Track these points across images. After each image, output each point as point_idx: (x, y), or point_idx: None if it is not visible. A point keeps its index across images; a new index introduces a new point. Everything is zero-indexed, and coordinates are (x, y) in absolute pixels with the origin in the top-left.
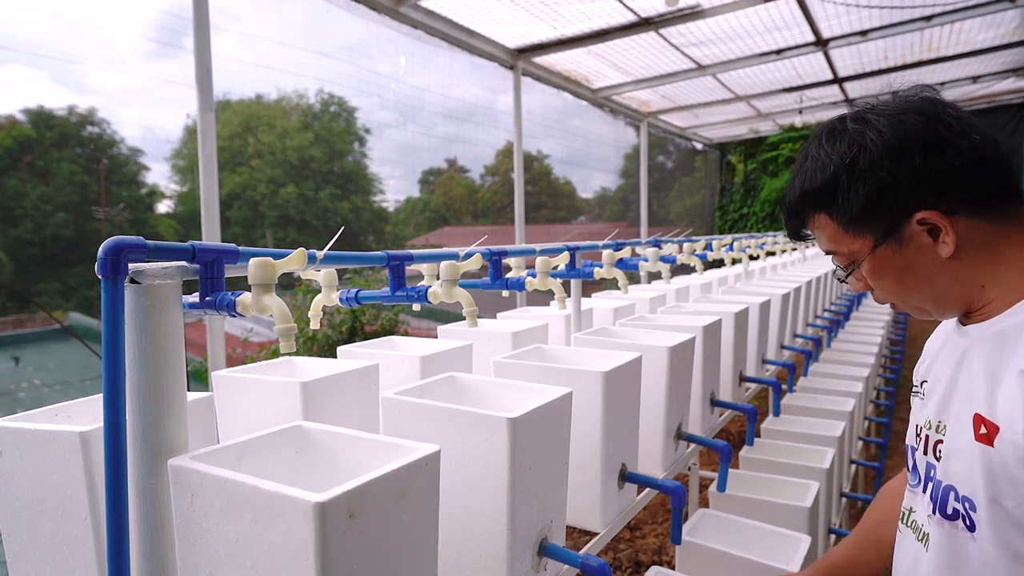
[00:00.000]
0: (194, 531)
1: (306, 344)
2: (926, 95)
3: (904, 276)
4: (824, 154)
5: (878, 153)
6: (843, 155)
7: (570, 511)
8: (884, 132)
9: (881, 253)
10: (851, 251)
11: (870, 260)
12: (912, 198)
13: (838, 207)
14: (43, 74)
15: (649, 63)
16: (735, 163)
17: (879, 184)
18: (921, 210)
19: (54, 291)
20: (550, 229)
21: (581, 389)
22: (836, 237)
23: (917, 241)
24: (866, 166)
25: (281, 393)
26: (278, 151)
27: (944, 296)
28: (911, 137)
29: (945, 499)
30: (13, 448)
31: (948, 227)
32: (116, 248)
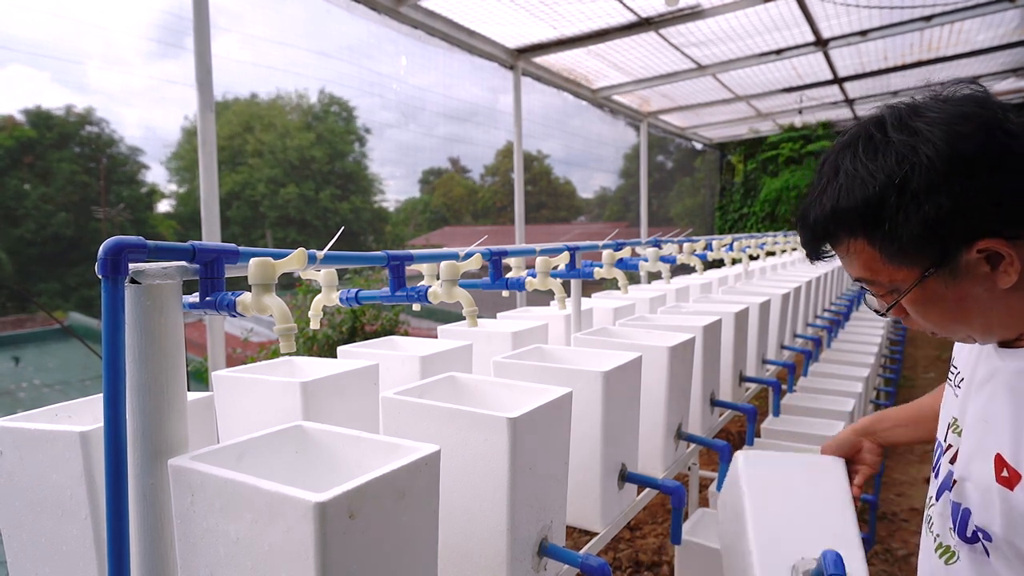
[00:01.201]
0: (194, 531)
1: (306, 344)
2: (974, 94)
3: (955, 308)
4: (864, 169)
5: (935, 173)
6: (891, 173)
7: (570, 511)
8: (939, 146)
9: (930, 284)
10: (892, 280)
11: (917, 292)
12: (973, 224)
13: (883, 234)
14: (44, 74)
15: (649, 63)
16: (735, 163)
17: (938, 211)
18: (984, 238)
19: (54, 291)
20: (550, 229)
21: (581, 389)
22: (874, 265)
23: (974, 271)
24: (920, 189)
25: (281, 393)
26: (278, 150)
27: (995, 327)
28: (972, 153)
29: (965, 521)
30: (13, 448)
31: (1014, 255)
32: (116, 248)
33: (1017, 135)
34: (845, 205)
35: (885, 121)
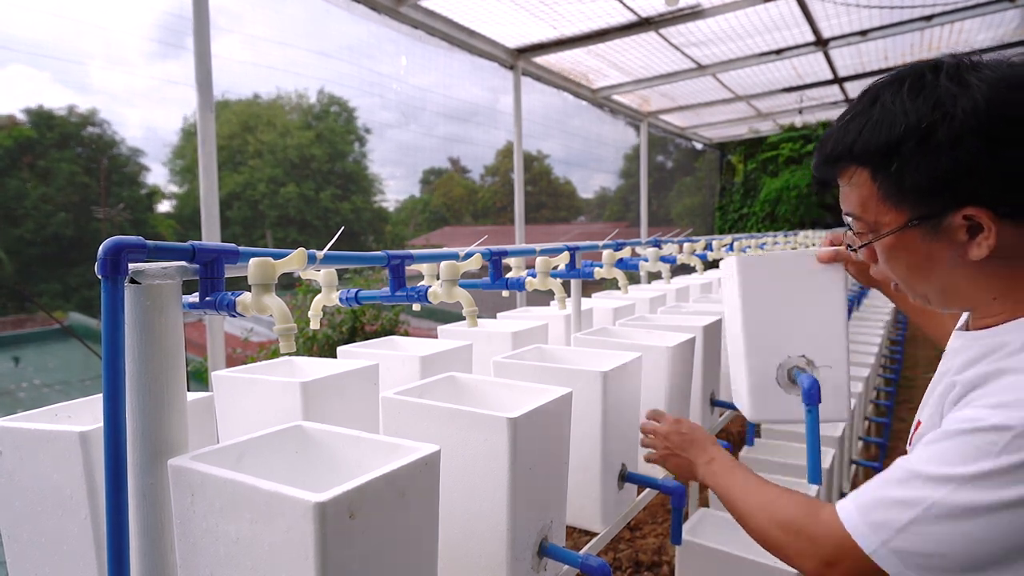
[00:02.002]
0: (194, 531)
1: (306, 344)
2: None
3: (922, 264)
4: (900, 106)
5: (966, 128)
6: (922, 116)
7: (570, 511)
8: (979, 104)
9: (909, 234)
10: (877, 221)
11: (895, 238)
12: (972, 190)
13: (889, 173)
14: (45, 74)
15: (649, 63)
16: (735, 163)
17: (952, 165)
18: (976, 205)
19: (54, 291)
20: (550, 229)
21: (581, 389)
22: (867, 202)
23: (953, 234)
24: (945, 139)
25: (281, 393)
26: (278, 149)
27: (953, 294)
28: (1010, 118)
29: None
30: (13, 448)
31: (993, 231)
32: (116, 248)
33: None
34: (868, 137)
35: (942, 67)
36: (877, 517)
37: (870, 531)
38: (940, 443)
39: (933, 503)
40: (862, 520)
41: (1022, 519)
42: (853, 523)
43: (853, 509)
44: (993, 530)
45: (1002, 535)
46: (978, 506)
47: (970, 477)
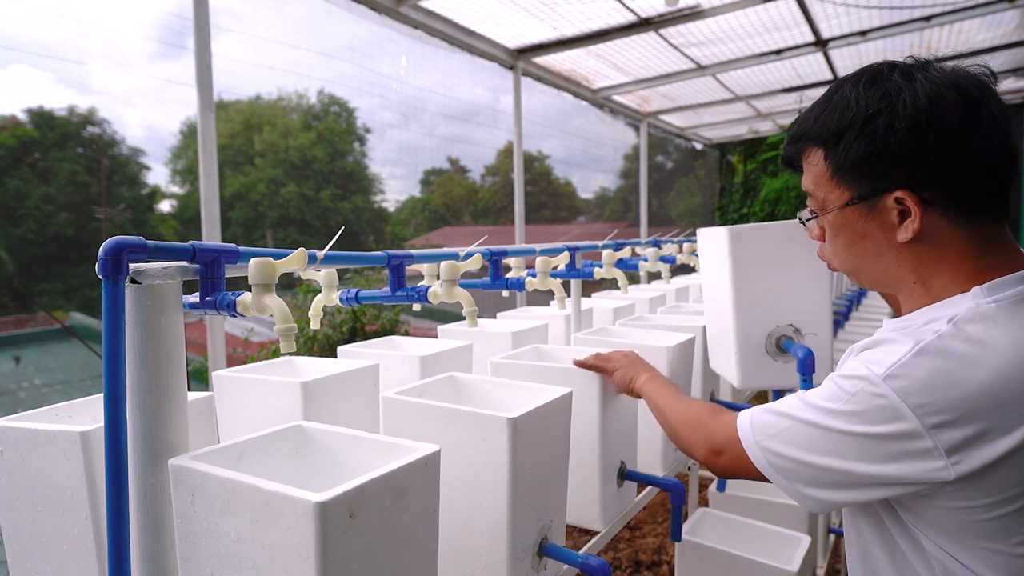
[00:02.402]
0: (194, 531)
1: (306, 344)
2: (982, 78)
3: (857, 242)
4: (855, 96)
5: (902, 118)
6: (870, 104)
7: (570, 510)
8: (920, 100)
9: (849, 212)
10: (825, 198)
11: (837, 214)
12: (904, 174)
13: (836, 152)
14: (47, 74)
15: (649, 63)
16: (735, 163)
17: (884, 148)
18: (905, 189)
19: (55, 291)
20: (550, 229)
21: (580, 388)
22: (819, 180)
23: (885, 216)
24: (883, 125)
25: (281, 393)
26: (281, 150)
27: (880, 274)
28: (941, 115)
29: None
30: (14, 448)
31: (919, 216)
32: (117, 248)
33: (984, 123)
34: (824, 119)
35: (898, 66)
36: (761, 422)
37: (751, 431)
38: (826, 382)
39: (801, 420)
40: (749, 423)
41: (856, 447)
42: (743, 424)
43: (747, 415)
44: (834, 452)
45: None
46: (829, 428)
47: (830, 411)
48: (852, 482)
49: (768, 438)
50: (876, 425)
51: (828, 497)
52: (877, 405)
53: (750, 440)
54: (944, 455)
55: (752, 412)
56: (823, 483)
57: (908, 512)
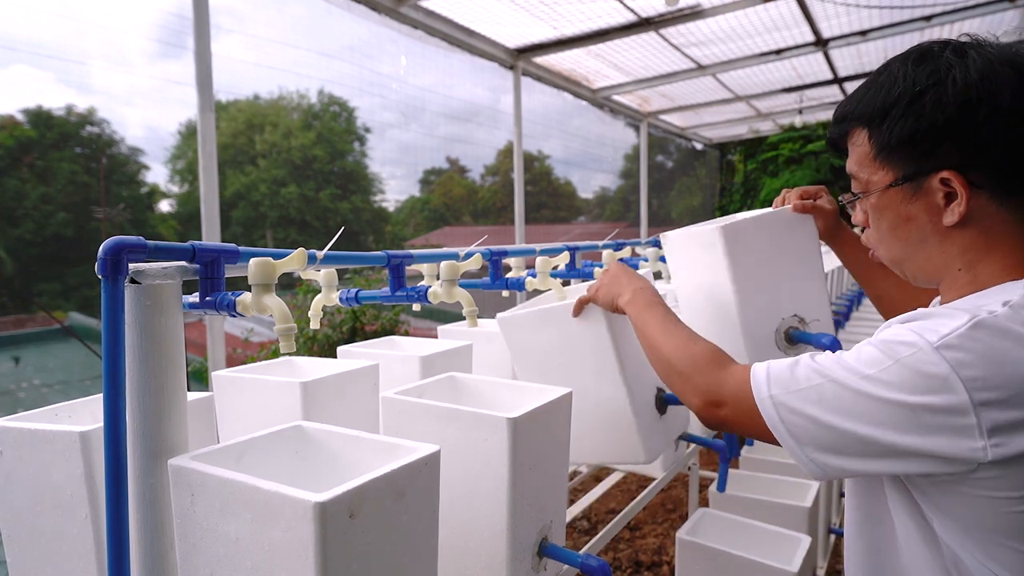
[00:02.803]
0: (194, 531)
1: (306, 344)
2: None
3: (900, 225)
4: (903, 74)
5: (951, 95)
6: (918, 81)
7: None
8: (971, 77)
9: (893, 193)
10: (869, 180)
11: (880, 196)
12: (951, 154)
13: (881, 131)
14: (48, 74)
15: (649, 63)
16: (735, 163)
17: (930, 126)
18: (951, 170)
19: (54, 291)
20: (550, 229)
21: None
22: (863, 160)
23: (930, 198)
24: (930, 103)
25: (281, 393)
26: (283, 151)
27: (924, 262)
28: (994, 92)
29: None
30: (13, 448)
31: (965, 198)
32: (116, 248)
33: None
34: (870, 99)
35: (950, 43)
36: (781, 376)
37: (767, 384)
38: (862, 347)
39: (831, 379)
40: (766, 376)
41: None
42: (758, 376)
43: (764, 367)
44: (862, 417)
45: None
46: (863, 392)
47: (867, 375)
48: (873, 451)
49: (787, 394)
50: (918, 395)
51: (839, 464)
52: (925, 373)
53: (764, 393)
54: (985, 435)
55: (769, 364)
56: (839, 449)
57: (924, 496)
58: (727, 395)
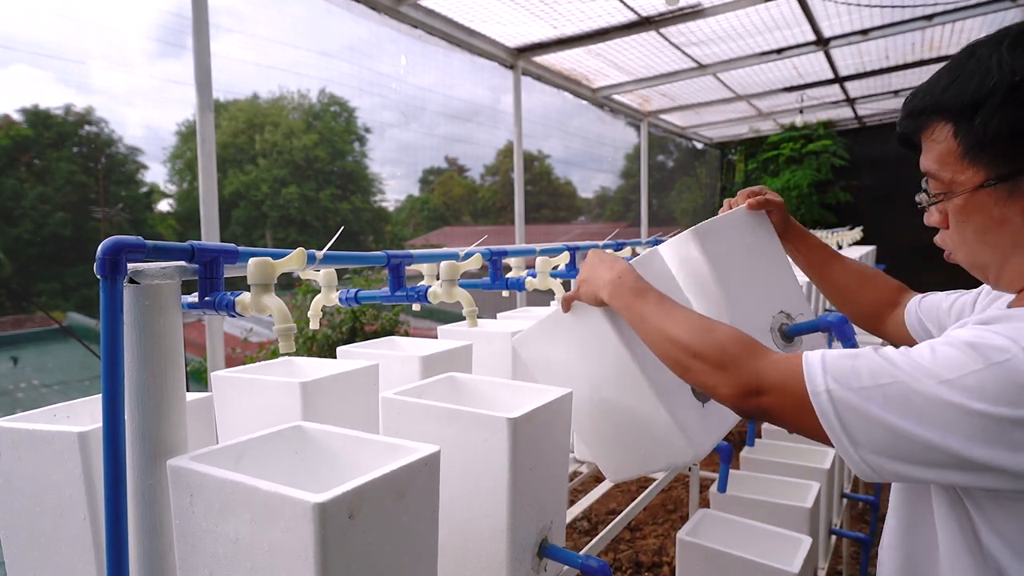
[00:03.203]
0: (193, 532)
1: (306, 344)
2: None
3: (991, 229)
4: (997, 60)
5: None
6: (1016, 69)
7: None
8: None
9: (984, 194)
10: (953, 180)
11: (969, 197)
12: None
13: (971, 127)
14: (48, 74)
15: (649, 62)
16: (736, 163)
17: None
18: None
19: (53, 291)
20: (550, 229)
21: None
22: (946, 158)
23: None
24: None
25: (281, 393)
26: (284, 151)
27: (1015, 268)
28: None
29: None
30: (12, 448)
31: None
32: (115, 248)
33: None
34: (957, 88)
35: None
36: (842, 368)
37: (823, 374)
38: (940, 347)
39: (902, 380)
40: (822, 366)
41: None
42: (812, 365)
43: (819, 356)
44: (935, 424)
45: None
46: (939, 398)
47: (946, 380)
48: (942, 461)
49: (847, 389)
50: (1009, 407)
51: (897, 469)
52: (1021, 384)
53: (819, 386)
54: None
55: (825, 353)
56: (901, 454)
57: (978, 509)
58: (770, 383)
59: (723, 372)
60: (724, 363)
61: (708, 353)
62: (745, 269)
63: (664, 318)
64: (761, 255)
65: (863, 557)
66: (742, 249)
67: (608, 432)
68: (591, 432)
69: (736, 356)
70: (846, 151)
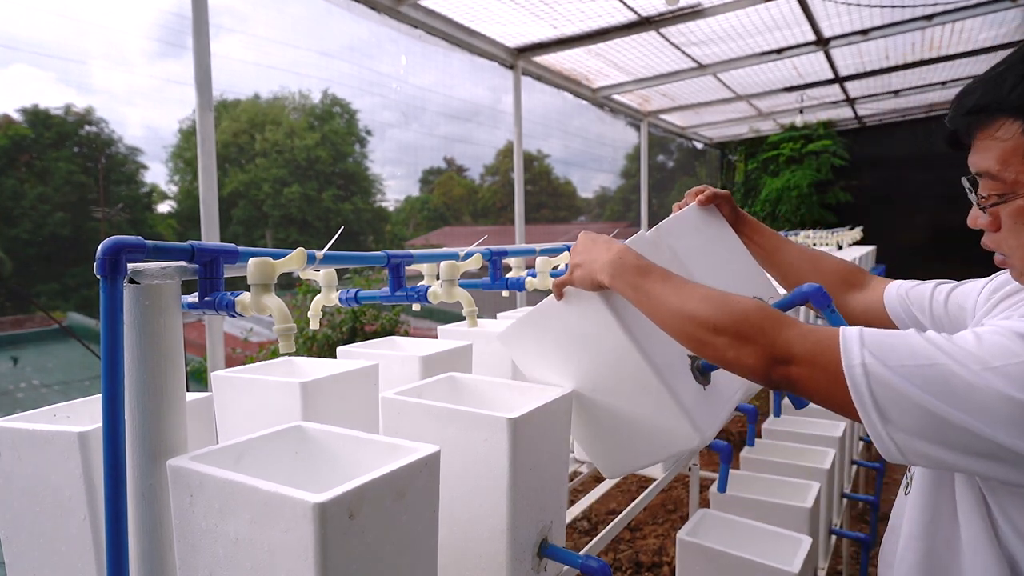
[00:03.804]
0: (193, 532)
1: (306, 344)
2: None
3: None
4: None
5: None
6: None
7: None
8: None
9: None
10: (1017, 180)
11: None
12: None
13: None
14: (49, 74)
15: (649, 62)
16: (736, 162)
17: None
18: None
19: (53, 291)
20: (550, 229)
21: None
22: (1009, 158)
23: None
24: None
25: (281, 393)
26: (286, 150)
27: None
28: None
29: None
30: (11, 449)
31: None
32: (115, 248)
33: None
34: None
35: None
36: (881, 343)
37: (860, 348)
38: (987, 335)
39: (944, 363)
40: (859, 340)
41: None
42: (850, 338)
43: (857, 331)
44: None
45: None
46: (981, 385)
47: (992, 367)
48: (976, 448)
49: (885, 366)
50: None
51: (926, 451)
52: None
53: (855, 359)
54: None
55: (863, 329)
56: (933, 436)
57: (995, 499)
58: (801, 353)
59: (749, 344)
60: (749, 334)
61: (731, 326)
62: (709, 263)
63: (675, 294)
64: (720, 247)
65: (863, 557)
66: (701, 243)
67: (606, 425)
68: (585, 427)
69: (761, 326)
70: (846, 151)
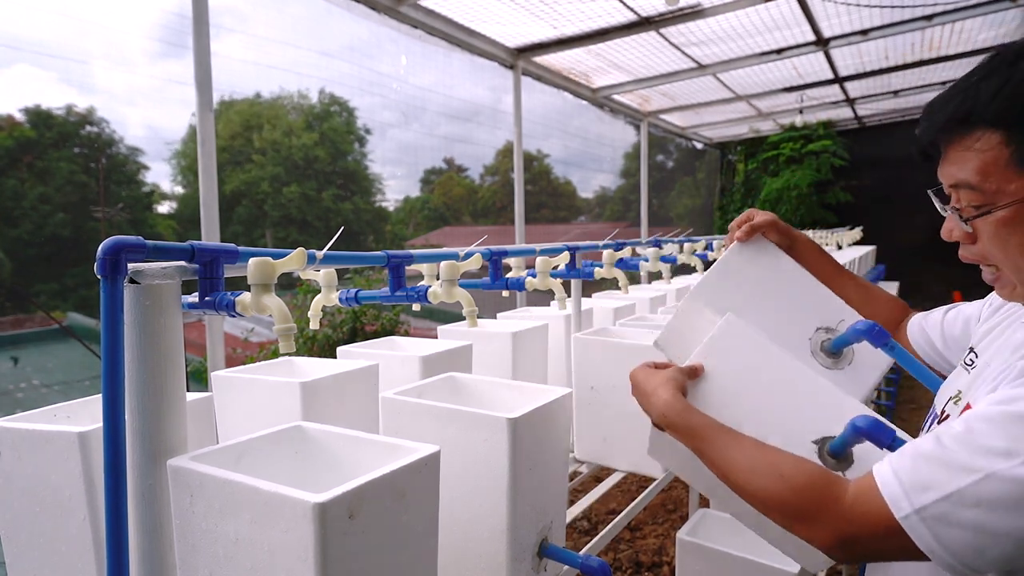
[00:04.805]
0: (193, 532)
1: (306, 344)
2: None
3: None
4: None
5: None
6: None
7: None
8: None
9: None
10: (999, 190)
11: (1017, 209)
12: None
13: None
14: (50, 74)
15: (649, 62)
16: (736, 163)
17: None
18: None
19: (53, 291)
20: (550, 229)
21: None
22: (990, 168)
23: None
24: None
25: (281, 393)
26: (283, 149)
27: None
28: None
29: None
30: (12, 449)
31: None
32: (115, 248)
33: None
34: (1007, 95)
35: None
36: (914, 477)
37: (905, 494)
38: (1004, 418)
39: (993, 473)
40: (896, 481)
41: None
42: (886, 481)
43: (889, 470)
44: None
45: None
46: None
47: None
48: None
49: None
50: None
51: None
52: None
53: (905, 509)
54: None
55: (892, 466)
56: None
57: None
58: (859, 528)
59: (811, 524)
60: (809, 514)
61: (786, 504)
62: (765, 305)
63: (721, 458)
64: (775, 281)
65: None
66: (752, 284)
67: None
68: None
69: (819, 504)
70: (846, 151)
